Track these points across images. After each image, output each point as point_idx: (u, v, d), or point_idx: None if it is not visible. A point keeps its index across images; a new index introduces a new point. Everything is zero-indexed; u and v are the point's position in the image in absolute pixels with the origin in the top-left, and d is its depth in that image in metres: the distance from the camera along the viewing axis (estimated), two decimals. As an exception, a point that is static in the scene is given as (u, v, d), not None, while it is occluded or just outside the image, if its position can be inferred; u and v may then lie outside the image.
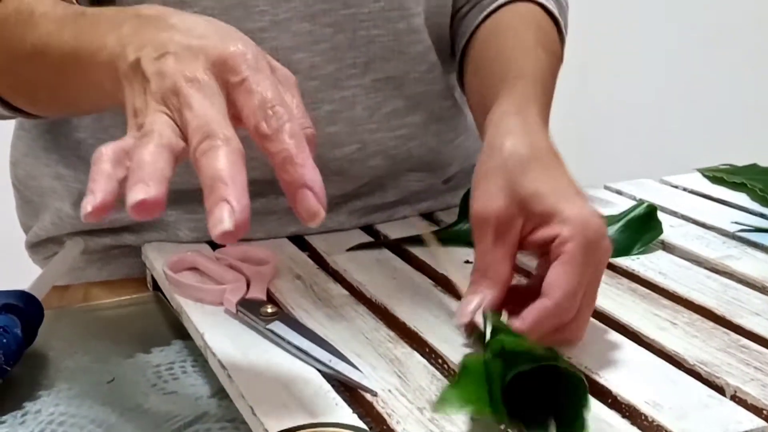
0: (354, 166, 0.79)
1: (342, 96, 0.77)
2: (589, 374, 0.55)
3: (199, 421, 0.56)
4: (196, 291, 0.67)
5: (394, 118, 0.80)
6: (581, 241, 0.56)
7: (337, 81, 0.77)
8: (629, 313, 0.63)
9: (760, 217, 0.83)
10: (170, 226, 0.78)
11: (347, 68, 0.77)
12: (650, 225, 0.77)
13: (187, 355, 0.64)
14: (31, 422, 0.57)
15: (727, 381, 0.54)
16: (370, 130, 0.79)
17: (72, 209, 0.79)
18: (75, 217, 0.79)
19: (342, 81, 0.77)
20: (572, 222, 0.56)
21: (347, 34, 0.76)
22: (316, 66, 0.76)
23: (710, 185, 0.92)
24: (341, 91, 0.77)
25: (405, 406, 0.53)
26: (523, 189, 0.58)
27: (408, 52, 0.79)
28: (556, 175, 0.59)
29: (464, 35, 0.81)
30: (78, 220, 0.79)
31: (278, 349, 0.59)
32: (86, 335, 0.68)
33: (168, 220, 0.78)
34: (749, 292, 0.67)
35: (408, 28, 0.79)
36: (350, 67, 0.77)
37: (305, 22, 0.75)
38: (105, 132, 0.78)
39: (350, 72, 0.77)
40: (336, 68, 0.76)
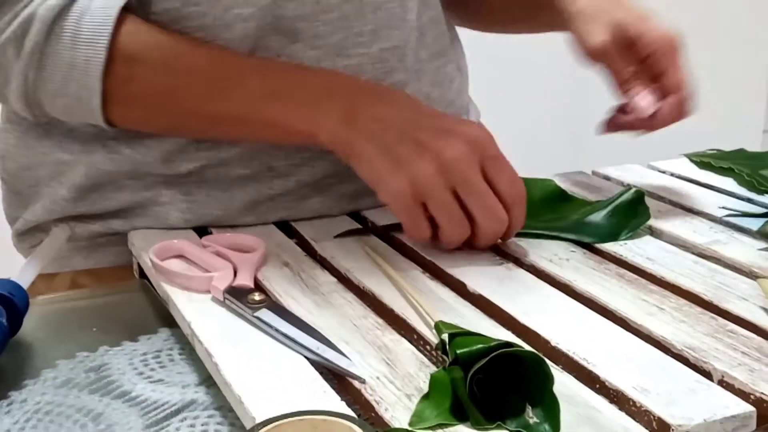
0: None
1: (346, 64, 0.77)
2: (576, 360, 0.55)
3: (186, 409, 0.56)
4: (183, 279, 0.67)
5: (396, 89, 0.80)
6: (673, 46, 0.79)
7: (342, 50, 0.76)
8: (617, 298, 0.63)
9: (747, 202, 0.83)
10: (162, 209, 0.78)
11: (354, 36, 0.77)
12: (638, 210, 0.77)
13: (174, 343, 0.64)
14: (17, 411, 0.56)
15: (715, 366, 0.54)
16: None
17: (69, 192, 0.79)
18: (69, 200, 0.79)
19: (347, 50, 0.77)
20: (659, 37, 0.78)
21: (354, 3, 0.76)
22: (320, 35, 0.75)
23: (697, 170, 0.92)
24: (346, 59, 0.77)
25: (393, 393, 0.53)
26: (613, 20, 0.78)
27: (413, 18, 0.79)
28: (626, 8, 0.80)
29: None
30: (70, 204, 0.79)
31: (266, 337, 0.59)
32: (72, 324, 0.68)
33: (161, 201, 0.78)
34: (736, 276, 0.67)
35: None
36: (357, 36, 0.77)
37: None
38: None
39: (357, 40, 0.77)
40: (342, 37, 0.76)
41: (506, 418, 0.50)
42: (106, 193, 0.78)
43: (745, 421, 0.49)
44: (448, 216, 0.67)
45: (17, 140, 0.82)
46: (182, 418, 0.55)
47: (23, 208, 0.83)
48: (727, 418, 0.49)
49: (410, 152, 0.66)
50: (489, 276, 0.68)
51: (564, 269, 0.69)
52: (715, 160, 0.92)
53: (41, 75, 0.69)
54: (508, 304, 0.63)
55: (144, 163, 0.77)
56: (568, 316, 0.61)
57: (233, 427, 0.54)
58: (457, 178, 0.66)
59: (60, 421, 0.55)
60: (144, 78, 0.70)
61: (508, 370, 0.51)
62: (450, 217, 0.67)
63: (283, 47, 0.74)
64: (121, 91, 0.70)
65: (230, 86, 0.69)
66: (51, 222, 0.81)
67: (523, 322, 0.60)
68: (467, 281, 0.67)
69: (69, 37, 0.68)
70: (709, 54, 2.09)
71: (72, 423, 0.55)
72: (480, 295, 0.65)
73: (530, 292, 0.65)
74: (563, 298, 0.64)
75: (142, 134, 0.76)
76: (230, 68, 0.70)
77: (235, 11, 0.72)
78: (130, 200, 0.78)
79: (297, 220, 0.80)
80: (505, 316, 0.62)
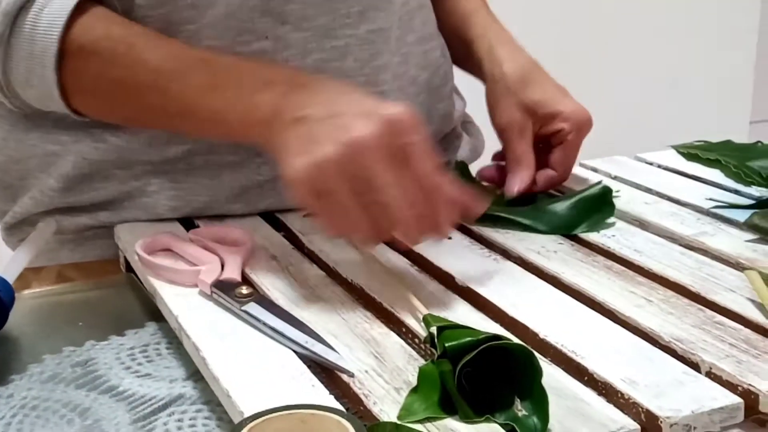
0: None
1: (333, 45, 0.77)
2: (564, 352, 0.55)
3: (174, 403, 0.56)
4: (170, 273, 0.66)
5: (383, 72, 0.79)
6: (578, 131, 0.81)
7: (329, 31, 0.76)
8: (604, 290, 0.63)
9: (734, 193, 0.83)
10: (150, 200, 0.78)
11: (341, 18, 0.76)
12: (602, 207, 0.77)
13: (162, 337, 0.64)
14: (3, 407, 0.56)
15: (703, 357, 0.54)
16: (357, 83, 0.78)
17: (57, 182, 0.78)
18: (57, 191, 0.79)
19: (335, 31, 0.77)
20: (570, 118, 0.81)
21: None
22: (308, 17, 0.75)
23: (685, 162, 0.92)
24: (333, 40, 0.77)
25: (382, 386, 0.52)
26: (528, 99, 0.81)
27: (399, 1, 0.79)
28: (546, 84, 0.83)
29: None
30: (59, 195, 0.79)
31: (254, 331, 0.59)
32: (59, 318, 0.68)
33: (149, 190, 0.78)
34: (724, 268, 0.67)
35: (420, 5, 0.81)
36: (344, 17, 0.77)
37: None
38: None
39: (344, 21, 0.77)
40: (330, 18, 0.76)
41: (495, 411, 0.50)
42: (94, 183, 0.78)
43: (732, 412, 0.50)
44: (355, 203, 0.58)
45: (6, 133, 0.81)
46: (170, 413, 0.55)
47: (12, 201, 0.83)
48: (715, 410, 0.49)
49: (321, 135, 0.59)
50: (477, 268, 0.68)
51: (552, 261, 0.69)
52: (702, 152, 0.92)
53: (9, 66, 0.70)
54: (497, 297, 0.63)
55: (130, 150, 0.77)
56: (556, 309, 0.61)
57: (221, 422, 0.54)
58: (357, 166, 0.57)
59: (47, 416, 0.55)
60: (94, 70, 0.69)
61: (496, 363, 0.51)
62: (356, 204, 0.59)
63: (271, 29, 0.74)
64: (76, 83, 0.70)
65: (173, 80, 0.67)
66: (40, 215, 0.80)
67: (511, 314, 0.60)
68: (455, 274, 0.66)
69: (29, 29, 0.68)
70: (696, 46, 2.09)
71: (59, 418, 0.55)
72: (468, 288, 0.65)
73: (518, 284, 0.65)
74: (551, 290, 0.64)
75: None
76: (176, 62, 0.68)
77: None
78: (119, 190, 0.78)
79: (285, 210, 0.79)
80: (494, 308, 0.62)
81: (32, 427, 0.54)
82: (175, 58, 0.68)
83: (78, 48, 0.68)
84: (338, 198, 0.58)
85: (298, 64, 0.76)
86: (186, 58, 0.68)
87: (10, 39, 0.69)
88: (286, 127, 0.60)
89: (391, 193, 0.58)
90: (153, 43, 0.69)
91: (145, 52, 0.68)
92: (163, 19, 0.73)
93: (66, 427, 0.54)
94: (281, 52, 0.75)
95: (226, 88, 0.65)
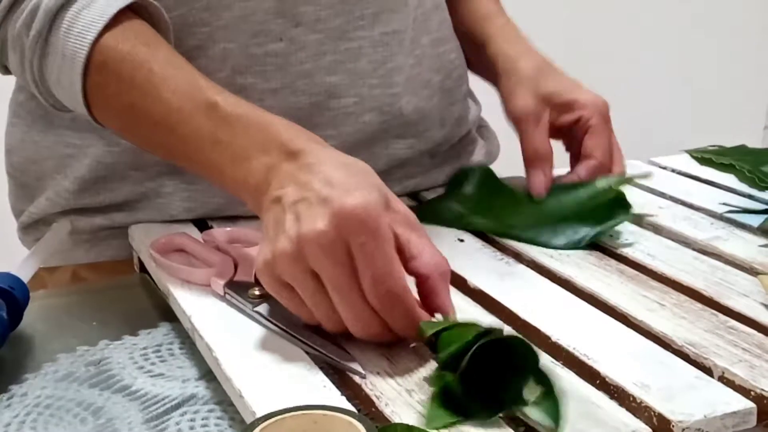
0: (348, 119, 0.79)
1: (347, 47, 0.77)
2: (577, 356, 0.55)
3: (186, 403, 0.56)
4: (184, 273, 0.67)
5: (396, 74, 0.79)
6: (600, 116, 0.80)
7: (343, 33, 0.77)
8: (617, 294, 0.63)
9: (747, 198, 0.83)
10: (164, 201, 0.78)
11: (355, 20, 0.77)
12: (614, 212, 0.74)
13: (175, 337, 0.64)
14: (18, 405, 0.56)
15: (715, 362, 0.54)
16: (371, 85, 0.78)
17: (72, 184, 0.79)
18: (72, 192, 0.79)
19: (348, 33, 0.77)
20: (588, 105, 0.80)
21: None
22: (321, 19, 0.75)
23: (698, 166, 0.92)
24: (347, 42, 0.77)
25: (393, 388, 0.52)
26: (545, 89, 0.81)
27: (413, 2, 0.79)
28: (560, 77, 0.83)
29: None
30: (74, 196, 0.79)
31: (266, 332, 0.59)
32: (73, 317, 0.68)
33: (164, 192, 0.78)
34: (737, 273, 0.67)
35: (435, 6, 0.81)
36: (358, 19, 0.77)
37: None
38: None
39: (358, 24, 0.77)
40: (344, 20, 0.76)
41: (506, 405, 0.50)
42: (109, 185, 0.79)
43: (745, 417, 0.49)
44: (308, 299, 0.56)
45: (23, 134, 0.82)
46: (182, 413, 0.55)
47: (29, 201, 0.83)
48: (727, 414, 0.49)
49: (284, 224, 0.56)
50: (490, 272, 0.68)
51: (565, 265, 0.69)
52: (716, 156, 0.92)
53: (44, 63, 0.69)
54: (509, 300, 0.63)
55: (144, 153, 0.77)
56: (568, 312, 0.61)
57: (233, 422, 0.54)
58: (311, 261, 0.54)
59: (60, 415, 0.55)
60: (113, 89, 0.68)
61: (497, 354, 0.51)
62: (309, 300, 0.56)
63: (286, 30, 0.75)
64: (97, 96, 0.69)
65: (181, 121, 0.66)
66: (55, 215, 0.81)
67: (523, 317, 0.60)
68: (468, 277, 0.67)
69: (65, 29, 0.68)
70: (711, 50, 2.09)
71: (72, 417, 0.55)
72: (481, 291, 0.65)
73: (531, 287, 0.65)
74: (564, 294, 0.64)
75: None
76: (187, 101, 0.66)
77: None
78: (133, 192, 0.78)
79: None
80: (506, 311, 0.62)
81: (46, 426, 0.54)
82: (187, 97, 0.66)
83: (102, 63, 0.67)
84: (295, 290, 0.56)
85: (312, 66, 0.76)
86: (197, 99, 0.65)
87: (48, 37, 0.68)
88: (267, 207, 0.58)
89: (335, 294, 0.54)
90: (171, 72, 0.67)
91: (161, 84, 0.66)
92: (178, 21, 0.73)
93: (79, 425, 0.54)
94: (295, 54, 0.75)
95: (227, 144, 0.63)
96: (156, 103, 0.66)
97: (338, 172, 0.57)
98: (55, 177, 0.80)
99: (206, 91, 0.65)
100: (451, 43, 0.87)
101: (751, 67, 2.10)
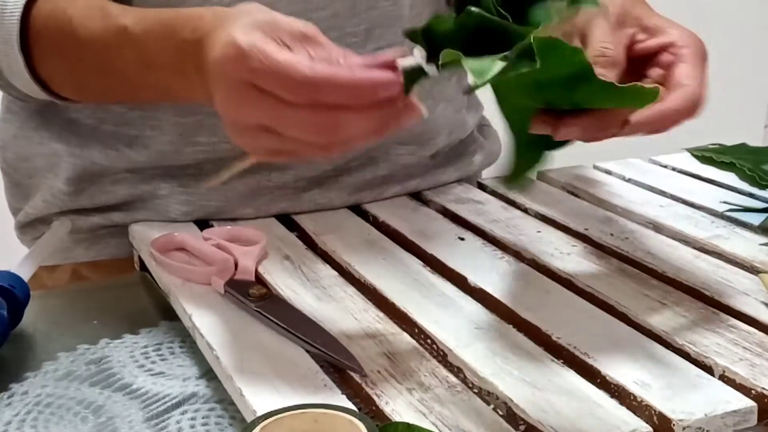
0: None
1: None
2: (577, 354, 0.55)
3: (187, 402, 0.56)
4: (184, 272, 0.67)
5: None
6: (696, 47, 0.65)
7: None
8: (618, 293, 0.63)
9: (748, 196, 0.83)
10: (161, 202, 0.78)
11: (348, 36, 0.76)
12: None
13: (175, 336, 0.64)
14: (18, 404, 0.56)
15: (716, 361, 0.54)
16: None
17: (65, 185, 0.78)
18: (67, 193, 0.79)
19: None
20: (683, 35, 0.65)
21: (347, 1, 0.75)
22: None
23: (699, 165, 0.92)
24: None
25: (394, 387, 0.52)
26: (635, 11, 0.66)
27: (408, 16, 0.79)
28: (653, 10, 0.68)
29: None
30: (69, 198, 0.79)
31: (267, 330, 0.59)
32: (73, 316, 0.68)
33: (160, 194, 0.78)
34: (738, 271, 0.67)
35: None
36: (351, 36, 0.76)
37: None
38: (105, 111, 0.77)
39: (351, 40, 0.76)
40: (336, 36, 0.76)
41: None
42: (105, 187, 0.78)
43: (746, 416, 0.49)
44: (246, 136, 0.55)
45: (17, 130, 0.82)
46: (183, 411, 0.55)
47: (24, 199, 0.83)
48: (728, 413, 0.49)
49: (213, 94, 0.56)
50: (490, 270, 0.68)
51: (565, 263, 0.69)
52: (717, 155, 0.92)
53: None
54: (510, 299, 0.63)
55: (139, 160, 0.77)
56: (569, 311, 0.61)
57: (234, 420, 0.54)
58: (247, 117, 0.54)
59: (61, 414, 0.55)
60: (49, 55, 0.68)
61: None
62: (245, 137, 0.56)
63: None
64: (43, 68, 0.69)
65: (112, 59, 0.65)
66: (52, 215, 0.81)
67: (524, 316, 0.60)
68: (468, 275, 0.67)
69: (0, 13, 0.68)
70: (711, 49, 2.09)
71: (73, 415, 0.55)
72: (481, 290, 0.65)
73: (531, 286, 0.65)
74: (564, 293, 0.64)
75: (139, 134, 0.76)
76: (107, 39, 0.65)
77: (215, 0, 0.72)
78: (129, 194, 0.78)
79: (298, 213, 0.80)
80: (506, 310, 0.62)
81: (47, 424, 0.54)
82: (107, 35, 0.64)
83: (36, 33, 0.67)
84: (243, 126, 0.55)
85: None
86: (112, 31, 0.64)
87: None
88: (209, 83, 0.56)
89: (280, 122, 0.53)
90: (87, 13, 0.66)
91: (82, 30, 0.65)
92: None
93: (80, 424, 0.54)
94: None
95: (155, 67, 0.62)
96: (88, 55, 0.66)
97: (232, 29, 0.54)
98: (47, 176, 0.80)
99: (116, 18, 0.64)
100: None
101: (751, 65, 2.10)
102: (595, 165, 0.92)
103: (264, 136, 0.54)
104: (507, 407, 0.51)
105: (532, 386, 0.52)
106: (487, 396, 0.52)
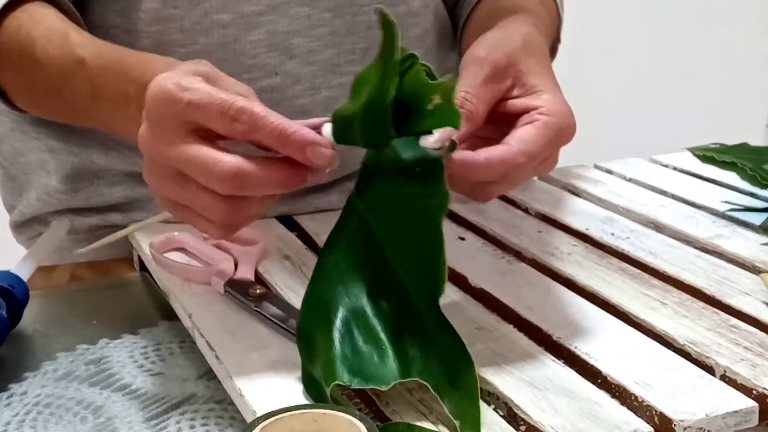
0: (350, 153, 0.78)
1: (340, 82, 0.77)
2: (578, 354, 0.55)
3: (186, 402, 0.56)
4: (184, 271, 0.66)
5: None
6: (558, 120, 0.57)
7: (335, 67, 0.76)
8: (619, 292, 0.63)
9: (749, 196, 0.82)
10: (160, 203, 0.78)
11: (346, 54, 0.76)
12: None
13: (175, 336, 0.64)
14: (17, 404, 0.56)
15: (717, 361, 0.54)
16: None
17: (60, 183, 0.78)
18: (63, 191, 0.79)
19: (340, 67, 0.76)
20: (555, 104, 0.58)
21: (346, 19, 0.76)
22: (314, 51, 0.75)
23: (700, 164, 0.92)
24: (340, 77, 0.77)
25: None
26: (521, 63, 0.59)
27: (407, 36, 0.79)
28: (547, 68, 0.62)
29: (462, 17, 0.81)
30: (65, 196, 0.79)
31: (266, 330, 0.59)
32: (72, 316, 0.68)
33: None
34: (739, 271, 0.67)
35: (407, 12, 0.79)
36: (349, 53, 0.76)
37: (304, 6, 0.74)
38: None
39: (349, 58, 0.76)
40: (335, 53, 0.76)
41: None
42: (101, 189, 0.79)
43: (747, 416, 0.49)
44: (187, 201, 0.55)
45: (13, 124, 0.82)
46: (182, 412, 0.55)
47: (18, 195, 0.83)
48: (729, 413, 0.49)
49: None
50: (491, 270, 0.67)
51: (566, 263, 0.69)
52: (718, 154, 0.92)
53: None
54: (510, 299, 0.62)
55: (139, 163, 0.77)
56: (569, 311, 0.61)
57: (234, 421, 0.54)
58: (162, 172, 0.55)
59: (60, 414, 0.55)
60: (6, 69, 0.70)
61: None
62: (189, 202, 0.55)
63: (281, 64, 0.75)
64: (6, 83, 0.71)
65: (64, 84, 0.66)
66: (48, 214, 0.81)
67: (524, 316, 0.60)
68: (469, 275, 0.66)
69: None
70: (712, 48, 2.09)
71: (72, 416, 0.55)
72: (482, 289, 0.65)
73: (532, 286, 0.65)
74: (565, 292, 0.64)
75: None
76: (64, 63, 0.66)
77: (214, 17, 0.72)
78: (127, 196, 0.78)
79: (298, 215, 0.79)
80: (507, 310, 0.62)
81: (46, 425, 0.54)
82: (65, 60, 0.65)
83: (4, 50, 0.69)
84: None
85: (309, 101, 0.76)
86: (69, 59, 0.65)
87: None
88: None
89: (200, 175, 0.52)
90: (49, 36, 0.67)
91: (42, 52, 0.67)
92: (156, 37, 0.73)
93: (79, 424, 0.54)
94: (291, 87, 0.75)
95: (102, 98, 0.63)
96: (42, 73, 0.67)
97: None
98: (40, 173, 0.80)
99: (75, 48, 0.65)
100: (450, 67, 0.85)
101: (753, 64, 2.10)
102: (596, 164, 0.92)
103: (176, 185, 0.53)
104: (507, 407, 0.51)
105: (533, 386, 0.52)
106: (487, 396, 0.52)
